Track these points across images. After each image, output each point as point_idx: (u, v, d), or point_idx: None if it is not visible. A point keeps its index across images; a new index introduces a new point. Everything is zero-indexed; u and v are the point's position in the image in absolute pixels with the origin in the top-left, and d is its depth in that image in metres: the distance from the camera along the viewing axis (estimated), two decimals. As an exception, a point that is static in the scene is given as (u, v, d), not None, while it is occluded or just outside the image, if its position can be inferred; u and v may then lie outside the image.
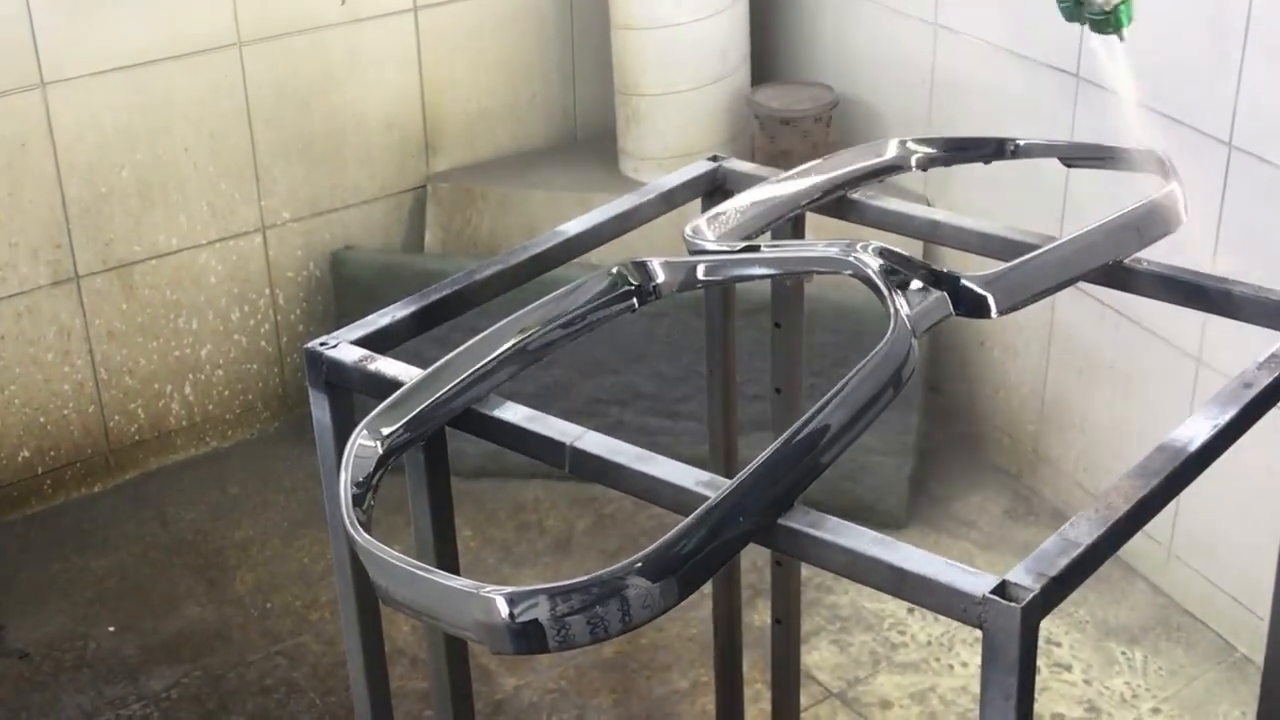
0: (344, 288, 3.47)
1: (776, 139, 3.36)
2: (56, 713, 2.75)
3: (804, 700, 2.62)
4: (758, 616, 2.80)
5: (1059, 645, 2.82)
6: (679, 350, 3.25)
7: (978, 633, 1.16)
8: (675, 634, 2.87)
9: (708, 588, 2.34)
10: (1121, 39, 1.71)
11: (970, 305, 1.48)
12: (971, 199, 3.15)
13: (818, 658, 2.81)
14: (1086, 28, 1.71)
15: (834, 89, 3.42)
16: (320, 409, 1.56)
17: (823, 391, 1.30)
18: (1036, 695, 2.70)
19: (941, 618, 2.89)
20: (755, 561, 2.72)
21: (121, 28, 3.11)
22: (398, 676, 2.76)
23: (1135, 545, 3.01)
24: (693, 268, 1.59)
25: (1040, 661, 2.76)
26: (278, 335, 3.50)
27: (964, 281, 1.47)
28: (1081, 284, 1.76)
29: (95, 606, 3.02)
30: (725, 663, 2.31)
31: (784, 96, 3.41)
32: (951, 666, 2.78)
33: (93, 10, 3.07)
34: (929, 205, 3.18)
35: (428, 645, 1.70)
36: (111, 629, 2.96)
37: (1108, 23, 1.69)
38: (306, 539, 3.17)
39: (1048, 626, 2.85)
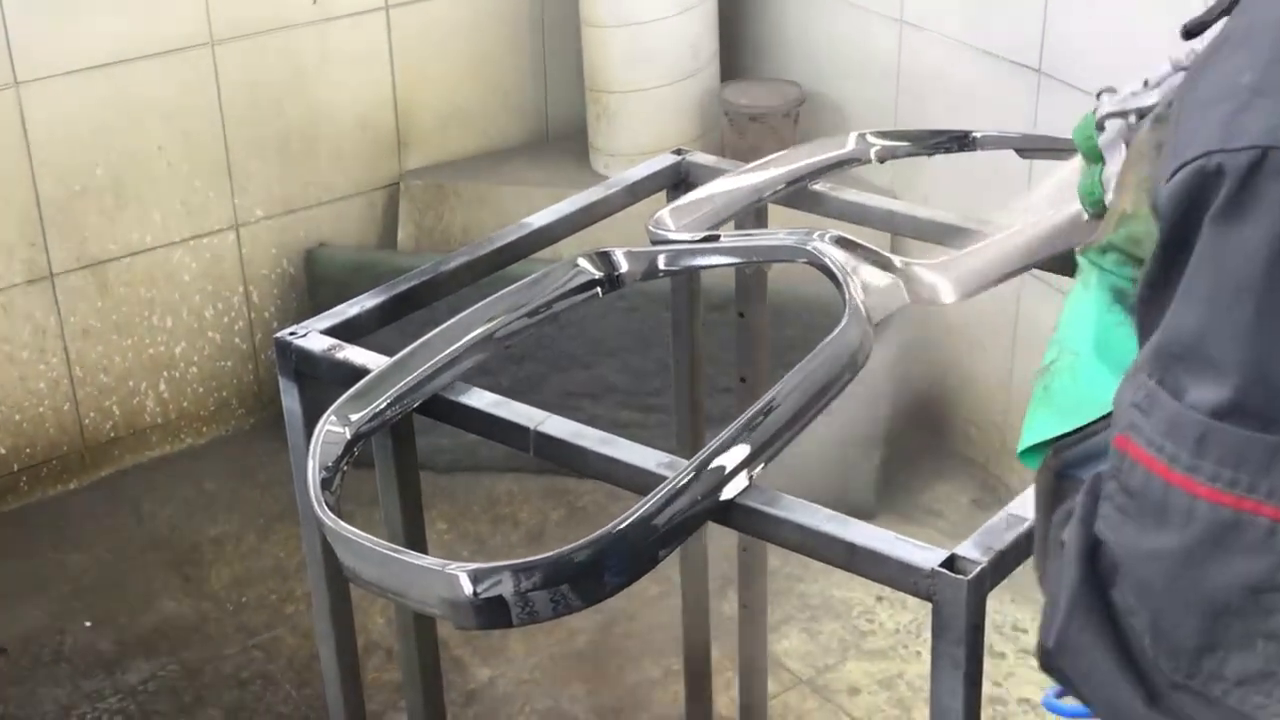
0: (317, 285, 3.49)
1: (745, 135, 3.39)
2: (34, 707, 2.78)
3: (774, 687, 2.66)
4: (728, 605, 2.83)
5: (1025, 631, 2.86)
6: (651, 344, 3.28)
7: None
8: (647, 623, 2.90)
9: (678, 576, 2.37)
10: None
11: (924, 292, 1.52)
12: (939, 193, 3.19)
13: (788, 645, 2.85)
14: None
15: (802, 85, 3.46)
16: (290, 397, 1.59)
17: (790, 382, 1.34)
18: (1003, 680, 2.74)
19: (909, 606, 2.94)
20: (726, 551, 2.75)
21: (94, 27, 3.14)
22: (373, 669, 2.79)
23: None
24: (654, 257, 1.62)
25: (1007, 647, 2.81)
26: (252, 332, 3.53)
27: (917, 269, 1.51)
28: (1045, 275, 1.80)
29: (71, 602, 3.04)
30: (693, 650, 2.35)
31: (752, 93, 3.45)
32: (919, 653, 2.82)
33: (66, 9, 3.09)
34: (894, 198, 3.22)
35: (398, 632, 1.73)
36: (88, 624, 2.98)
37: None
38: (281, 534, 3.20)
39: (1014, 613, 2.89)
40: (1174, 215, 0.86)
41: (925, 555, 1.20)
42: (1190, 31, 1.05)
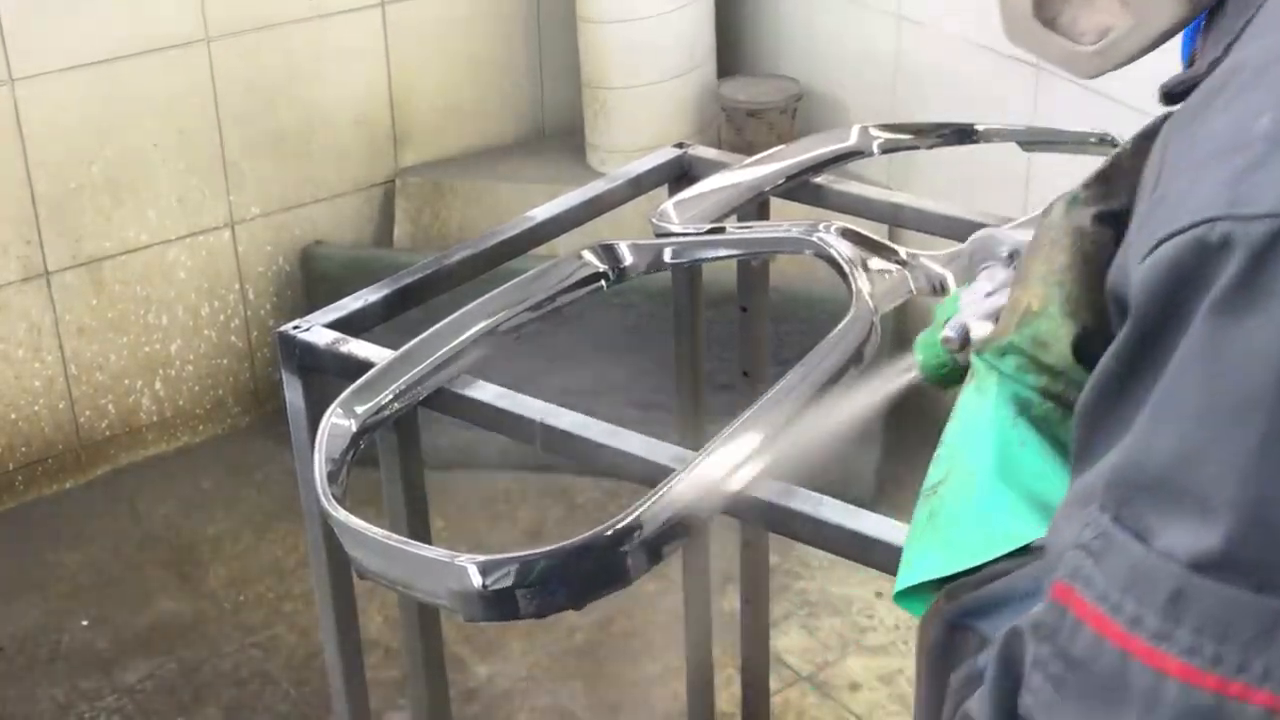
0: (314, 282, 3.48)
1: (743, 131, 3.39)
2: (31, 706, 2.76)
3: (774, 683, 2.65)
4: (728, 602, 2.83)
5: (1025, 627, 2.86)
6: (649, 341, 3.27)
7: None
8: (646, 620, 2.89)
9: (678, 574, 2.37)
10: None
11: (930, 284, 1.51)
12: (935, 190, 3.19)
13: (787, 642, 2.85)
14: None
15: (799, 81, 3.45)
16: (293, 391, 1.58)
17: (791, 378, 1.33)
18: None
19: (909, 602, 2.94)
20: (726, 547, 2.75)
21: (89, 24, 3.12)
22: (371, 666, 2.76)
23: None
24: (659, 250, 1.62)
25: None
26: (248, 330, 3.51)
27: (923, 260, 1.50)
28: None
29: (68, 601, 3.02)
30: (695, 647, 2.34)
31: (750, 89, 3.44)
32: (919, 649, 2.81)
33: (61, 6, 3.08)
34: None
35: (401, 627, 1.73)
36: (85, 623, 2.97)
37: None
38: (279, 532, 3.19)
39: (1014, 609, 2.89)
40: (1154, 299, 0.66)
41: (937, 546, 1.19)
42: (1171, 95, 0.81)
